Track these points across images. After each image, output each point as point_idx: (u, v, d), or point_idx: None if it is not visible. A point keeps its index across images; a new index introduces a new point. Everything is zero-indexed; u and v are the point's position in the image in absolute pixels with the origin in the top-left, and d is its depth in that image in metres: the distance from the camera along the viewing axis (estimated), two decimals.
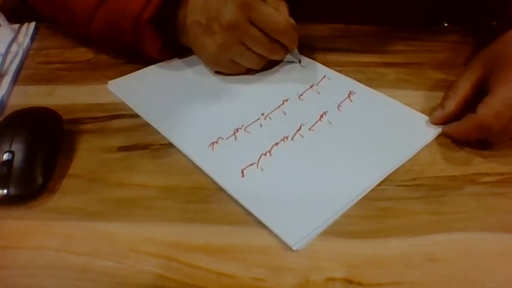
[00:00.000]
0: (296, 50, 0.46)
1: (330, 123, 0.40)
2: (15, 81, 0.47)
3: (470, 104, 0.38)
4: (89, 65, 0.49)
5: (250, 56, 0.43)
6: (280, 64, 0.48)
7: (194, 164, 0.37)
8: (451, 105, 0.39)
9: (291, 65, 0.48)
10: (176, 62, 0.48)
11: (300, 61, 0.48)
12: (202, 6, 0.41)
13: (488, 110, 0.35)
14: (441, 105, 0.40)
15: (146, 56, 0.46)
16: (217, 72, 0.46)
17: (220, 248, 0.31)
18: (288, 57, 0.47)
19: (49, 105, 0.40)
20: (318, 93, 0.44)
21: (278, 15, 0.40)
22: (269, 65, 0.46)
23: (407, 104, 0.43)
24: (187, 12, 0.42)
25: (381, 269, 0.29)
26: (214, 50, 0.42)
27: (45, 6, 0.50)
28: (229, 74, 0.46)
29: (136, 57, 0.47)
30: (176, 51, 0.47)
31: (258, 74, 0.46)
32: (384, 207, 0.33)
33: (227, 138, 0.39)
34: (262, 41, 0.41)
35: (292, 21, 0.42)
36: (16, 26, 0.55)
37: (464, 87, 0.39)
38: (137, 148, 0.39)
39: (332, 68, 0.48)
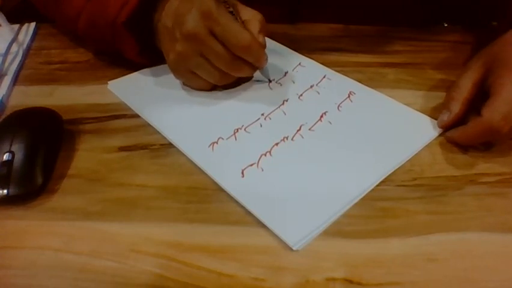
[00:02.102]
0: (267, 69, 0.44)
1: (330, 123, 0.40)
2: (15, 81, 0.47)
3: (472, 104, 0.38)
4: (89, 65, 0.49)
5: (210, 69, 0.40)
6: (277, 64, 0.48)
7: (194, 164, 0.37)
8: (457, 107, 0.38)
9: (290, 65, 0.48)
10: None
11: (270, 81, 0.45)
12: (173, 10, 0.39)
13: (495, 112, 0.35)
14: (447, 107, 0.39)
15: (127, 59, 0.45)
16: (185, 85, 0.44)
17: (220, 248, 0.31)
18: (258, 75, 0.45)
19: (49, 105, 0.40)
20: (318, 93, 0.44)
21: (242, 31, 0.38)
22: (239, 82, 0.44)
23: (407, 104, 0.43)
24: (162, 15, 0.40)
25: (381, 269, 0.29)
26: (173, 58, 0.40)
27: (42, 4, 0.50)
28: (199, 89, 0.44)
29: None
30: (157, 55, 0.44)
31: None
32: (384, 207, 0.33)
33: (227, 138, 0.39)
34: (223, 55, 0.38)
35: (261, 39, 0.40)
36: (16, 26, 0.55)
37: (466, 87, 0.38)
38: (137, 148, 0.39)
39: (332, 68, 0.48)
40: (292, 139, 0.39)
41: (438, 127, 0.40)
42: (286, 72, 0.47)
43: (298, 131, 0.39)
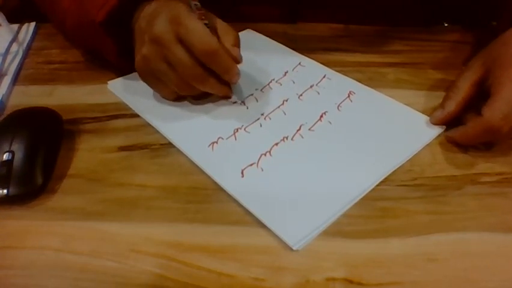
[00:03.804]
0: (240, 88, 0.42)
1: (330, 123, 0.40)
2: (15, 81, 0.47)
3: (471, 104, 0.38)
4: (89, 65, 0.49)
5: (172, 76, 0.38)
6: (277, 64, 0.48)
7: (194, 164, 0.37)
8: (452, 105, 0.39)
9: (290, 65, 0.48)
10: None
11: (244, 103, 0.42)
12: (149, 12, 0.38)
13: (495, 112, 0.35)
14: (442, 105, 0.40)
15: (108, 61, 0.45)
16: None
17: (220, 248, 0.31)
18: (234, 96, 0.42)
19: (49, 105, 0.40)
20: (318, 93, 0.44)
21: (209, 35, 0.35)
22: (208, 95, 0.42)
23: (407, 104, 0.43)
24: (140, 17, 0.39)
25: (381, 269, 0.29)
26: (138, 60, 0.38)
27: (41, 4, 0.50)
28: (164, 97, 0.42)
29: None
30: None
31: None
32: (384, 207, 0.33)
33: (227, 138, 0.39)
34: (185, 62, 0.36)
35: (235, 52, 0.37)
36: (16, 26, 0.55)
37: (464, 87, 0.39)
38: (137, 148, 0.39)
39: (332, 68, 0.48)
40: (292, 139, 0.39)
41: (431, 123, 0.40)
42: (286, 72, 0.47)
43: (298, 130, 0.39)
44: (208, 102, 0.43)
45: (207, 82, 0.38)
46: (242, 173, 0.35)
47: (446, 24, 0.58)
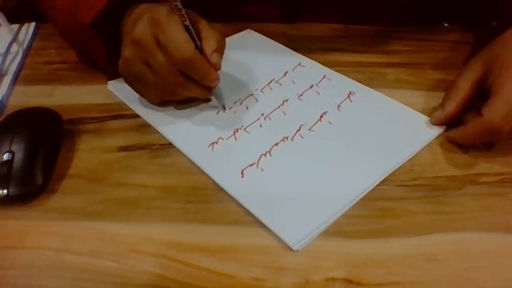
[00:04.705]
0: (220, 93, 0.41)
1: (330, 123, 0.40)
2: (15, 81, 0.47)
3: (471, 104, 0.39)
4: (89, 65, 0.49)
5: (153, 80, 0.37)
6: (277, 64, 0.48)
7: (194, 164, 0.37)
8: (452, 105, 0.39)
9: (290, 65, 0.48)
10: None
11: (224, 107, 0.42)
12: (135, 15, 0.37)
13: (495, 112, 0.35)
14: (442, 105, 0.40)
15: (97, 63, 0.44)
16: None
17: (220, 248, 0.31)
18: (213, 100, 0.42)
19: (49, 105, 0.40)
20: (318, 93, 0.44)
21: (186, 43, 0.35)
22: (193, 100, 0.42)
23: (407, 104, 0.43)
24: (128, 20, 0.38)
25: (381, 269, 0.29)
26: (120, 63, 0.38)
27: (41, 4, 0.49)
28: (149, 101, 0.42)
29: None
30: None
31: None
32: (384, 207, 0.33)
33: (227, 139, 0.39)
34: (165, 67, 0.35)
35: (214, 58, 0.36)
36: (16, 26, 0.55)
37: (464, 88, 0.39)
38: (137, 148, 0.39)
39: (332, 68, 0.48)
40: (292, 139, 0.39)
41: (431, 123, 0.40)
42: (286, 72, 0.47)
43: (298, 131, 0.39)
44: (209, 102, 0.43)
45: (187, 87, 0.38)
46: (242, 173, 0.35)
47: (446, 24, 0.58)
